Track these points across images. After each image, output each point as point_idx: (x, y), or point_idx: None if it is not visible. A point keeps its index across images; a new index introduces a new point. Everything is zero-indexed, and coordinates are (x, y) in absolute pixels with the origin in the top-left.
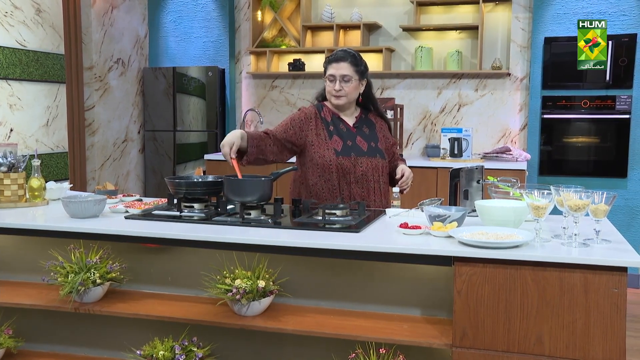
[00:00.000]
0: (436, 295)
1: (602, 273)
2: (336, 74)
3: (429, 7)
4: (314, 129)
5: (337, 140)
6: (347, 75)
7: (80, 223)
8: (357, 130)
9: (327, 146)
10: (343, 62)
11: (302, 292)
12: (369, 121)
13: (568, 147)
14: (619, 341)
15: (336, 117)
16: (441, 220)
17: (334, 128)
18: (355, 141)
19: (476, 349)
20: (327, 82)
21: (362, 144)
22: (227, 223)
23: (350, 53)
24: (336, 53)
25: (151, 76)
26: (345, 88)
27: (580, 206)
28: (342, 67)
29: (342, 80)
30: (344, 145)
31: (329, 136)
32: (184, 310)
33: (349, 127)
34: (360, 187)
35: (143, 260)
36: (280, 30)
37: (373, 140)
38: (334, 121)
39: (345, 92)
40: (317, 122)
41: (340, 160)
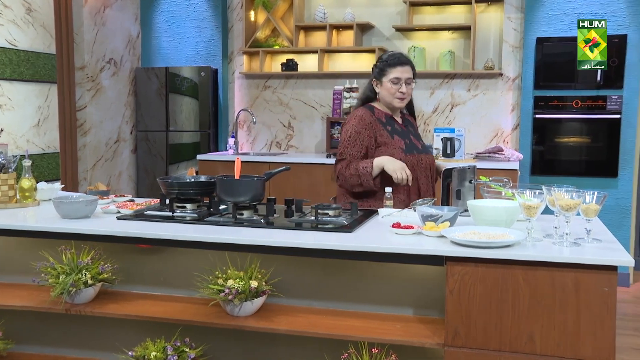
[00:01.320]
0: (429, 295)
1: (593, 272)
2: (402, 77)
3: (421, 7)
4: (377, 129)
5: (398, 139)
6: (410, 78)
7: (71, 224)
8: (406, 129)
9: (394, 145)
10: (407, 66)
11: (294, 292)
12: (408, 121)
13: (560, 147)
14: (609, 339)
15: (389, 117)
16: (433, 220)
17: (391, 128)
18: (411, 139)
19: (468, 348)
20: (390, 84)
21: (416, 142)
22: (220, 223)
23: (408, 57)
24: (397, 56)
25: (144, 76)
26: (409, 90)
27: (572, 206)
28: (406, 70)
29: (406, 83)
30: (406, 143)
31: (390, 136)
32: (176, 310)
33: (401, 126)
34: (425, 182)
35: (135, 261)
36: (273, 30)
37: (420, 139)
38: (389, 121)
39: (408, 95)
40: (377, 124)
41: (409, 157)
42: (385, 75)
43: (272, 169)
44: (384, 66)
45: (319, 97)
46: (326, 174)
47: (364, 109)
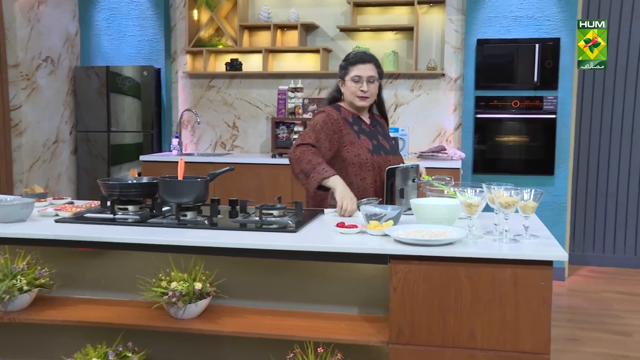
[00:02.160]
0: (373, 293)
1: (531, 268)
2: (363, 75)
3: (365, 8)
4: (344, 129)
5: (365, 140)
6: (372, 76)
7: (5, 228)
8: (374, 129)
9: (360, 145)
10: (369, 64)
11: (239, 294)
12: (377, 121)
13: (500, 146)
14: (545, 332)
15: (356, 117)
16: (377, 219)
17: (358, 128)
18: (379, 140)
19: (412, 345)
20: (351, 83)
21: (385, 143)
22: (163, 225)
23: (372, 55)
24: (359, 54)
25: (83, 75)
26: (371, 89)
27: (511, 203)
28: (368, 68)
29: (368, 81)
30: (372, 144)
31: (357, 136)
32: (118, 315)
33: (369, 126)
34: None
35: (75, 265)
36: (217, 29)
37: (388, 139)
38: (356, 121)
39: (371, 94)
40: (344, 123)
41: (375, 158)
42: (347, 73)
43: (217, 170)
44: (346, 64)
45: (263, 97)
46: (271, 174)
47: (330, 107)
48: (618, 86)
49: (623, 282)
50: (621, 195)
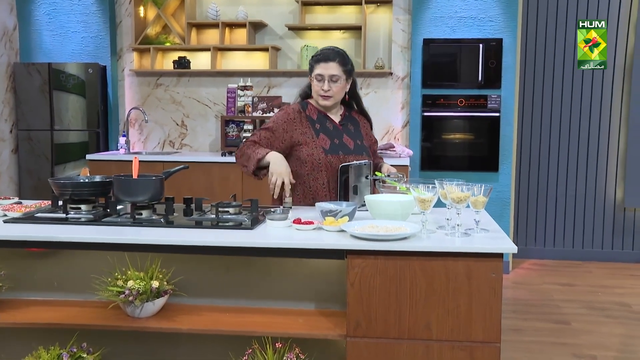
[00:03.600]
0: (329, 288)
1: (482, 260)
2: (325, 73)
3: (313, 7)
4: (299, 128)
5: (324, 139)
6: (335, 75)
7: None
8: (343, 128)
9: (316, 145)
10: (332, 62)
11: (196, 291)
12: (353, 119)
13: (446, 144)
14: (496, 322)
15: (322, 115)
16: (333, 215)
17: (321, 126)
18: (342, 139)
19: (369, 337)
20: (315, 81)
21: (349, 142)
22: (118, 224)
23: (338, 52)
24: (324, 52)
25: (24, 72)
26: (334, 88)
27: (462, 198)
28: (330, 67)
29: (330, 80)
30: (332, 143)
31: (315, 135)
32: (72, 315)
33: (336, 125)
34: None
35: (25, 266)
36: (164, 27)
37: (359, 139)
38: (320, 119)
39: (333, 93)
40: (302, 120)
41: (330, 158)
42: (312, 71)
43: (167, 168)
44: (311, 62)
45: (212, 95)
46: (222, 173)
47: (297, 104)
48: (556, 85)
49: (562, 273)
50: (560, 191)
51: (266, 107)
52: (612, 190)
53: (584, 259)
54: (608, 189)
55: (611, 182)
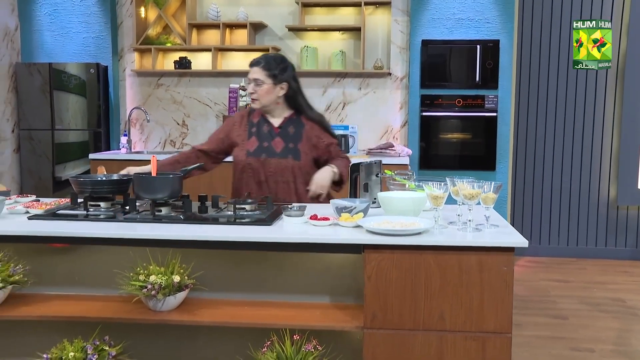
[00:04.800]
0: (344, 283)
1: (494, 254)
2: (250, 77)
3: (313, 8)
4: (237, 131)
5: (253, 142)
6: (258, 79)
7: None
8: (280, 131)
9: (243, 147)
10: (256, 67)
11: (215, 286)
12: (298, 122)
13: (444, 143)
14: (507, 313)
15: (263, 119)
16: (348, 211)
17: (257, 129)
18: (272, 142)
19: (385, 329)
20: (247, 85)
21: (278, 145)
22: (138, 220)
23: (267, 57)
24: (256, 58)
25: (25, 72)
26: (258, 91)
27: (474, 195)
28: (254, 71)
29: (255, 84)
30: (259, 146)
31: (247, 137)
32: (95, 309)
33: (273, 129)
34: (269, 187)
35: (47, 261)
36: (165, 27)
37: (293, 142)
38: (260, 123)
39: (258, 96)
40: (243, 124)
41: (249, 160)
42: None
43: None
44: None
45: (213, 95)
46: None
47: (248, 108)
48: (551, 86)
49: (558, 270)
50: (555, 189)
51: None
52: (605, 189)
53: (578, 256)
54: (602, 188)
55: (604, 181)
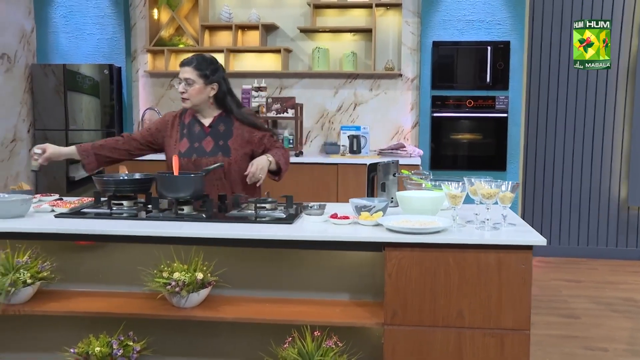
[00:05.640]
0: (363, 280)
1: (512, 252)
2: (181, 77)
3: (324, 10)
4: (169, 131)
5: (184, 143)
6: (189, 78)
7: (6, 223)
8: (210, 130)
9: (175, 148)
10: (187, 67)
11: (237, 283)
12: (228, 120)
13: (455, 144)
14: (526, 310)
15: (194, 119)
16: (367, 210)
17: (188, 130)
18: (202, 142)
19: (405, 325)
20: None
21: (208, 144)
22: (161, 218)
23: (198, 57)
24: (187, 57)
25: (40, 73)
26: (189, 91)
27: (492, 194)
28: (185, 70)
29: (185, 83)
30: (190, 147)
31: (179, 139)
32: (120, 306)
33: (203, 128)
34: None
35: (73, 259)
36: (177, 29)
37: (224, 139)
38: (191, 123)
39: (188, 95)
40: (175, 125)
41: (181, 160)
42: None
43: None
44: None
45: None
46: None
47: (179, 110)
48: (562, 86)
49: (568, 270)
50: (565, 189)
51: (280, 107)
52: (616, 189)
53: (588, 256)
54: (612, 188)
55: (615, 181)
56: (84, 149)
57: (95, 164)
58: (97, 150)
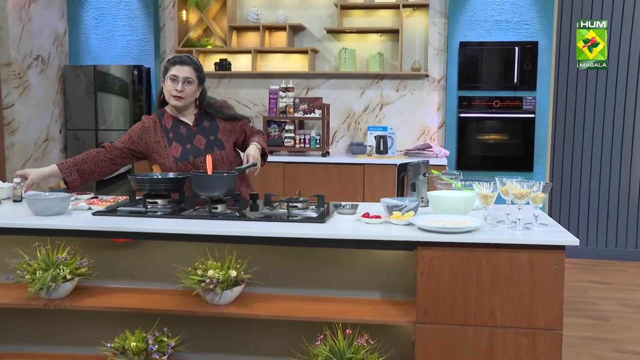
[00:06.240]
0: (394, 279)
1: (545, 252)
2: (179, 75)
3: (351, 11)
4: (152, 136)
5: (176, 147)
6: (189, 77)
7: (49, 220)
8: (197, 128)
9: (167, 154)
10: (187, 66)
11: (269, 281)
12: (207, 115)
13: (482, 144)
14: (558, 310)
15: (176, 120)
16: (399, 209)
17: (174, 134)
18: (194, 142)
19: (437, 324)
20: (169, 82)
21: (201, 142)
22: (196, 216)
23: (192, 58)
24: (179, 56)
25: (72, 74)
26: (187, 90)
27: (524, 194)
28: (185, 70)
29: (184, 82)
30: (183, 149)
31: (168, 144)
32: (155, 302)
33: (190, 128)
34: None
35: (109, 255)
36: (205, 30)
37: (213, 133)
38: (174, 126)
39: (186, 94)
40: (157, 130)
41: (180, 166)
42: (166, 73)
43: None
44: (167, 65)
45: (252, 96)
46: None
47: (153, 115)
48: (590, 87)
49: (596, 272)
50: (593, 191)
51: (307, 108)
52: None
53: (617, 258)
54: None
55: None
56: (66, 167)
57: (79, 180)
58: (80, 166)
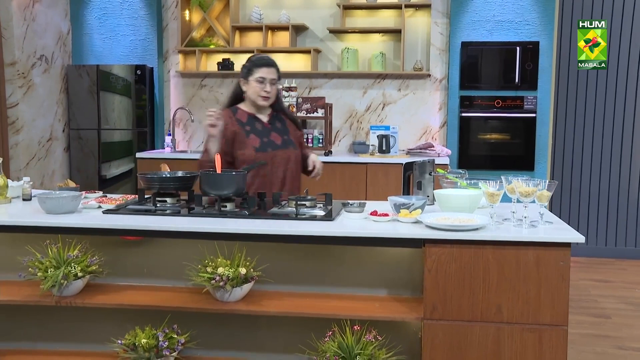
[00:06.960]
0: (401, 276)
1: (551, 249)
2: (267, 77)
3: (353, 11)
4: (230, 128)
5: (254, 138)
6: (274, 79)
7: (61, 218)
8: (271, 126)
9: (248, 145)
10: (273, 68)
11: (278, 278)
12: (280, 118)
13: (483, 143)
14: (564, 306)
15: (252, 116)
16: (406, 208)
17: (251, 127)
18: (270, 137)
19: (445, 320)
20: (256, 83)
21: (277, 139)
22: (205, 215)
23: (275, 62)
24: (265, 58)
25: (75, 74)
26: (273, 90)
27: (530, 192)
28: (272, 72)
29: (270, 83)
30: (261, 142)
31: (246, 135)
32: (165, 299)
33: (264, 124)
34: (282, 175)
35: (119, 253)
36: (208, 29)
37: (285, 134)
38: (250, 121)
39: (272, 94)
40: (234, 124)
41: (259, 155)
42: (252, 74)
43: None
44: (251, 66)
45: None
46: None
47: (227, 110)
48: (590, 87)
49: (597, 270)
50: (594, 190)
51: (310, 107)
52: None
53: (617, 256)
54: None
55: None
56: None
57: None
58: None
